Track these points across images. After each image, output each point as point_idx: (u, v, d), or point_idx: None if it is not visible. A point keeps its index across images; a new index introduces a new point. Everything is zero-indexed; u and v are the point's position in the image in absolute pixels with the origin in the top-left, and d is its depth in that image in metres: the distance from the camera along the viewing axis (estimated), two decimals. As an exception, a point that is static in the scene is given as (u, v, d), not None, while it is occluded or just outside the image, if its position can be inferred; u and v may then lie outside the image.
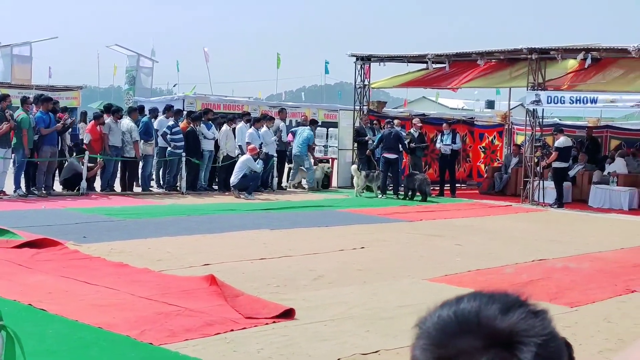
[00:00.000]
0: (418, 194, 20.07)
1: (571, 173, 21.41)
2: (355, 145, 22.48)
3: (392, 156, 20.54)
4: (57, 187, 18.29)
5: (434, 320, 1.01)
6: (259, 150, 19.55)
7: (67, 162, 18.19)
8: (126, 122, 18.92)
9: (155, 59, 38.56)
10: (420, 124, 22.21)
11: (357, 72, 23.60)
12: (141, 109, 20.62)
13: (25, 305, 7.35)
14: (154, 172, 20.27)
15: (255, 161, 19.12)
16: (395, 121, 21.74)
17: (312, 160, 21.71)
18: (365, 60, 23.60)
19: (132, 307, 7.49)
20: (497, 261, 11.00)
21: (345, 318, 7.42)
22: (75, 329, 6.70)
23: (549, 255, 11.62)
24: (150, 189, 19.61)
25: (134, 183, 19.42)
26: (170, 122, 19.56)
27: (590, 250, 12.38)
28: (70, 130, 19.13)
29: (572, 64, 20.94)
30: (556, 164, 19.75)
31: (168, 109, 20.33)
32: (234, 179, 19.02)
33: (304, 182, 21.89)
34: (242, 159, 19.17)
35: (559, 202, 19.60)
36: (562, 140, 19.97)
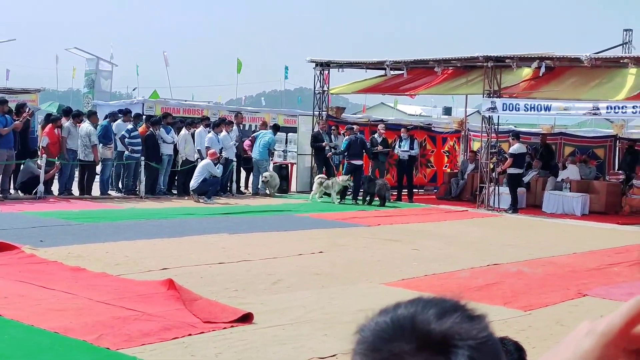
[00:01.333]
0: (376, 198, 20.22)
1: (525, 179, 21.74)
2: (312, 150, 22.53)
3: (359, 162, 20.78)
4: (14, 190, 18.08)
5: (372, 326, 1.03)
6: (219, 155, 19.55)
7: (23, 166, 17.99)
8: (85, 126, 18.80)
9: (115, 62, 38.30)
10: (384, 130, 22.40)
11: (316, 78, 23.71)
12: (93, 113, 20.37)
13: (-19, 309, 7.30)
14: (112, 177, 20.14)
15: (215, 166, 19.12)
16: (355, 127, 21.88)
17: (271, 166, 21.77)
18: (324, 66, 23.73)
19: (89, 311, 7.47)
20: (453, 265, 11.15)
21: (303, 322, 7.49)
22: (32, 333, 6.67)
23: (503, 260, 11.81)
24: (109, 192, 19.48)
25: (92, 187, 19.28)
26: (129, 125, 19.48)
27: (544, 255, 12.60)
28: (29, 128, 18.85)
29: (527, 72, 21.31)
30: (511, 170, 20.06)
31: (126, 113, 20.25)
32: (193, 183, 18.99)
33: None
34: (202, 163, 19.14)
35: (514, 208, 19.90)
36: (516, 147, 20.28)
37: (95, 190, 19.21)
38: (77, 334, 6.62)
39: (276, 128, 22.79)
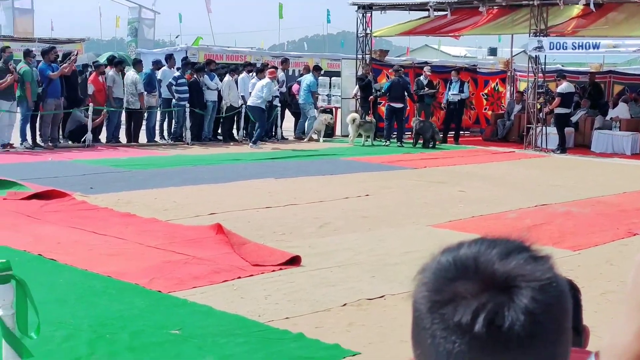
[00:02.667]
0: (422, 140, 20.17)
1: (574, 119, 21.39)
2: (358, 90, 22.20)
3: (399, 105, 20.63)
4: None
5: (434, 266, 1.02)
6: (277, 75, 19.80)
7: (71, 114, 18.21)
8: (131, 74, 18.92)
9: (157, 10, 38.30)
10: (429, 72, 22.12)
11: (359, 21, 23.44)
12: (139, 61, 20.47)
13: (35, 255, 7.48)
14: (158, 124, 20.28)
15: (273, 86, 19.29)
16: (401, 69, 21.60)
17: (316, 109, 21.69)
18: (366, 8, 23.41)
19: (140, 256, 7.62)
20: (500, 207, 11.09)
21: (351, 264, 7.54)
22: (85, 277, 6.83)
23: (551, 200, 11.70)
24: (156, 140, 19.66)
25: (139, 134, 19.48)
26: (175, 73, 19.55)
27: (593, 195, 12.45)
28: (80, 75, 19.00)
29: (575, 10, 20.78)
30: (558, 110, 19.73)
31: (168, 59, 20.36)
32: (254, 99, 19.03)
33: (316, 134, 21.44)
34: (262, 82, 19.11)
35: (562, 148, 19.64)
36: (564, 86, 19.92)
37: (142, 138, 19.40)
38: (129, 278, 6.76)
39: (317, 70, 22.61)
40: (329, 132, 22.31)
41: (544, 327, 0.95)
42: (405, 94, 20.91)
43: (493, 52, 53.77)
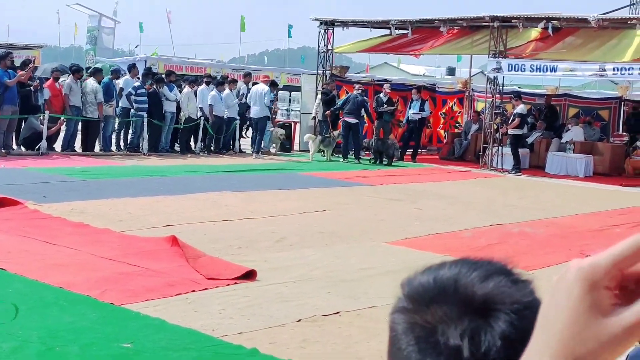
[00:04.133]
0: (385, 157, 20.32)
1: (529, 140, 21.69)
2: (320, 105, 22.20)
3: (353, 121, 20.63)
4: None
5: (414, 285, 1.00)
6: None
7: (25, 121, 17.95)
8: (91, 83, 18.69)
9: (117, 19, 37.97)
10: (389, 89, 22.23)
11: (320, 37, 23.54)
12: (99, 70, 20.30)
13: (-15, 264, 7.32)
14: (115, 134, 20.08)
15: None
16: (357, 85, 21.71)
17: (274, 123, 21.69)
18: (328, 24, 23.54)
19: (93, 267, 7.50)
20: (456, 225, 11.16)
21: (306, 280, 7.51)
22: (36, 288, 6.70)
23: (506, 220, 11.82)
24: (112, 149, 19.46)
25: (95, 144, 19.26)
26: (136, 83, 19.40)
27: (547, 216, 12.61)
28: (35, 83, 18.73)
29: (533, 33, 21.12)
30: (513, 131, 20.01)
31: (132, 68, 20.23)
32: (260, 110, 20.02)
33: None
34: (260, 89, 20.18)
35: (517, 168, 19.89)
36: (522, 107, 20.23)
37: (98, 147, 19.18)
38: (81, 289, 6.65)
39: (273, 85, 22.64)
40: (287, 146, 22.31)
41: (520, 353, 0.94)
42: (362, 110, 20.90)
43: (451, 71, 54.33)
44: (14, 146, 17.84)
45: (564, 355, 0.76)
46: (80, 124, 18.80)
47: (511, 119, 20.31)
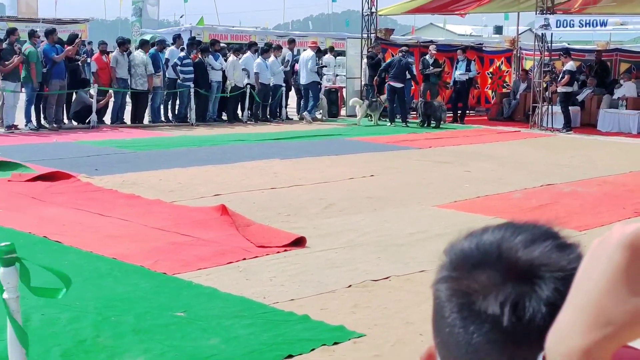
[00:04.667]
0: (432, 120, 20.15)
1: (580, 97, 21.29)
2: (367, 69, 22.12)
3: (398, 85, 20.41)
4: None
5: (456, 251, 0.98)
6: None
7: (75, 95, 18.18)
8: (139, 55, 18.78)
9: (161, -11, 38.13)
10: (435, 51, 21.96)
11: (364, 0, 23.32)
12: (146, 42, 20.41)
13: (41, 237, 7.48)
14: (162, 104, 20.24)
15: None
16: (404, 48, 21.51)
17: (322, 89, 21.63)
18: (373, -14, 23.29)
19: (145, 237, 7.61)
20: (506, 187, 11.05)
21: (356, 245, 7.52)
22: (90, 259, 6.82)
23: (557, 180, 11.66)
24: (161, 120, 19.62)
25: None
26: (181, 53, 19.47)
27: (599, 175, 12.41)
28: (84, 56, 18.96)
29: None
30: (563, 89, 19.65)
31: (177, 39, 20.29)
32: (310, 76, 20.26)
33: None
34: (306, 55, 20.39)
35: (568, 127, 19.56)
36: (571, 64, 19.84)
37: (146, 118, 19.37)
38: (134, 260, 6.76)
39: (319, 51, 22.54)
40: (334, 112, 22.25)
41: None
42: (407, 73, 20.69)
43: (499, 30, 53.53)
44: (65, 120, 18.10)
45: (598, 323, 0.74)
46: (127, 96, 18.97)
47: (560, 76, 19.94)
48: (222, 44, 21.22)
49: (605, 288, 0.75)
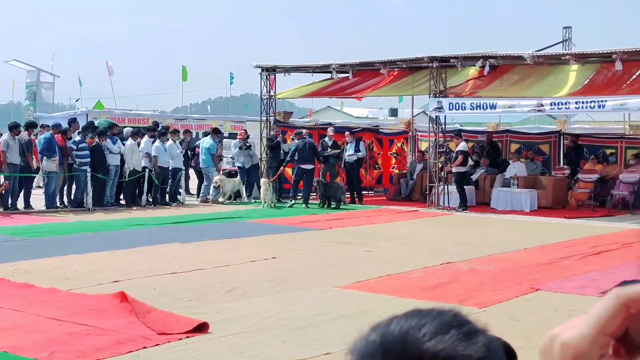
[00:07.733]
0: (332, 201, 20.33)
1: (474, 177, 21.94)
2: (267, 151, 22.31)
3: (309, 167, 20.67)
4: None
5: (361, 345, 0.95)
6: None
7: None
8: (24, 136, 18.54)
9: (56, 73, 37.70)
10: (333, 133, 22.35)
11: (262, 83, 23.63)
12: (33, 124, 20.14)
13: None
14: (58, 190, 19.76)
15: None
16: (304, 131, 21.83)
17: (219, 171, 21.63)
18: (270, 71, 23.66)
19: (39, 328, 7.30)
20: (407, 266, 11.18)
21: (259, 329, 7.42)
22: (-19, 354, 6.49)
23: (456, 258, 11.88)
24: (56, 206, 19.10)
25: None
26: (77, 137, 19.18)
27: (495, 252, 12.71)
28: None
29: (471, 71, 21.54)
30: (457, 169, 20.25)
31: (71, 124, 20.02)
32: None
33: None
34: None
35: (464, 206, 20.07)
36: (463, 145, 20.51)
37: (41, 204, 18.83)
38: (27, 353, 6.46)
39: (215, 132, 22.69)
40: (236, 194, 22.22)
41: None
42: (314, 155, 20.98)
43: (394, 112, 54.99)
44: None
45: None
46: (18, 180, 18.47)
47: (454, 157, 20.56)
48: (119, 127, 21.05)
49: None
